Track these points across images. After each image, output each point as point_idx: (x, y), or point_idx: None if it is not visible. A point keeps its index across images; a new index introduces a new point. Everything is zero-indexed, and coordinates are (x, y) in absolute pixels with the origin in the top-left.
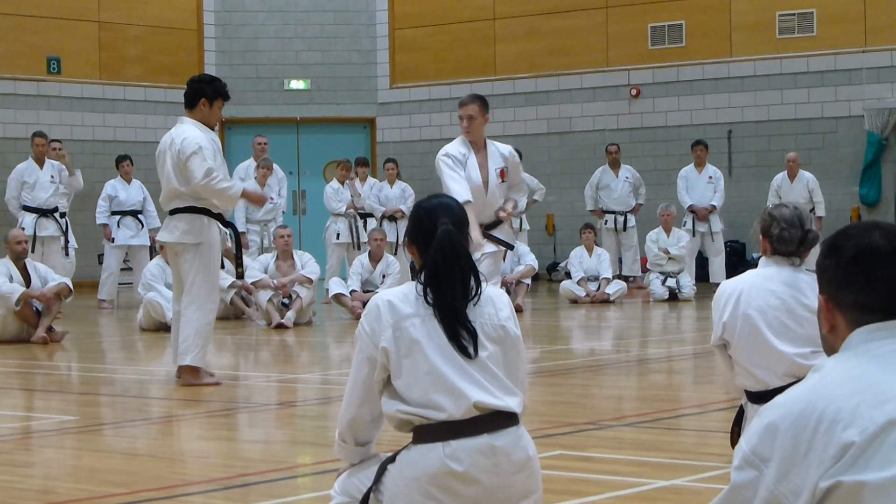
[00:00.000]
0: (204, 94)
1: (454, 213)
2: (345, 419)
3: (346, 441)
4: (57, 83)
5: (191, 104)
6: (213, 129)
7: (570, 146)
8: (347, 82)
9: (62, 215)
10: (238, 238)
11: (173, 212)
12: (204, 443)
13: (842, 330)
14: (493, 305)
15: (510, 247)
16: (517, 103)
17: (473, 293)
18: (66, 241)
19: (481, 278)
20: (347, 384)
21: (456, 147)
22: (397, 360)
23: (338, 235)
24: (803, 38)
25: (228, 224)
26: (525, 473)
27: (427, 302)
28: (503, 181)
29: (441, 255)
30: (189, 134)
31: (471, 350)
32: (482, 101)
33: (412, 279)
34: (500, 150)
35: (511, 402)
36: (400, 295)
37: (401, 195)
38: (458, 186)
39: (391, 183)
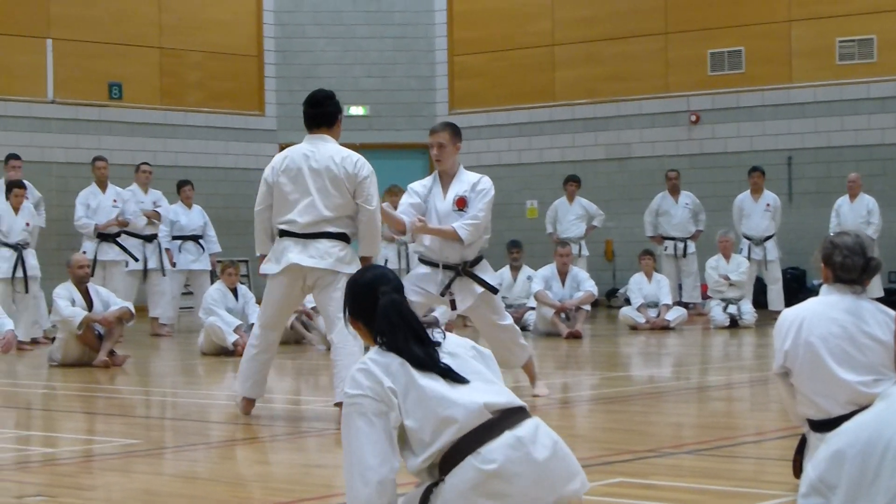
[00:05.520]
0: (339, 110)
1: (392, 281)
2: (370, 488)
3: None
4: (118, 109)
5: (332, 122)
6: None
7: (630, 172)
8: (406, 108)
9: (149, 238)
10: None
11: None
12: (265, 467)
13: None
14: (455, 338)
15: (493, 290)
16: (576, 129)
17: (432, 343)
18: (162, 264)
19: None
20: (352, 456)
21: (421, 182)
22: (403, 395)
23: (386, 262)
24: (863, 63)
25: None
26: (559, 456)
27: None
28: (460, 209)
29: (387, 321)
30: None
31: (456, 375)
32: (453, 129)
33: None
34: (468, 179)
35: (516, 399)
36: (372, 355)
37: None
38: (398, 214)
39: None
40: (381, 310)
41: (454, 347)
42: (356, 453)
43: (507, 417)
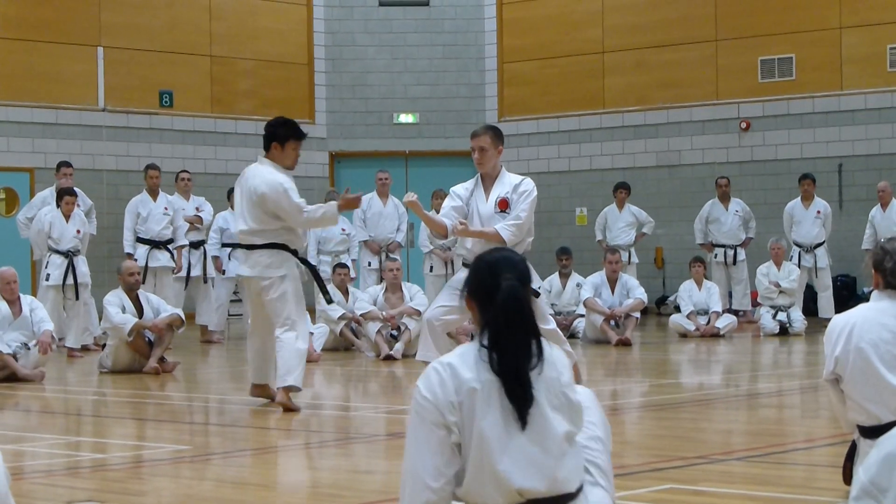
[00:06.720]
0: (276, 137)
1: (518, 267)
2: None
3: None
4: (169, 116)
5: (267, 147)
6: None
7: (680, 179)
8: (456, 116)
9: (196, 245)
10: (317, 273)
11: (251, 247)
12: (314, 473)
13: None
14: (555, 368)
15: (534, 293)
16: (626, 136)
17: (536, 357)
18: (205, 272)
19: (543, 343)
20: (408, 460)
21: (463, 185)
22: (461, 424)
23: (431, 268)
24: None
25: (304, 262)
26: None
27: (491, 368)
28: (503, 211)
29: (504, 313)
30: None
31: (526, 416)
32: (494, 132)
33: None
34: (510, 181)
35: (563, 485)
36: (458, 359)
37: None
38: (439, 218)
39: None
40: (501, 299)
41: (540, 382)
42: (412, 458)
43: None
